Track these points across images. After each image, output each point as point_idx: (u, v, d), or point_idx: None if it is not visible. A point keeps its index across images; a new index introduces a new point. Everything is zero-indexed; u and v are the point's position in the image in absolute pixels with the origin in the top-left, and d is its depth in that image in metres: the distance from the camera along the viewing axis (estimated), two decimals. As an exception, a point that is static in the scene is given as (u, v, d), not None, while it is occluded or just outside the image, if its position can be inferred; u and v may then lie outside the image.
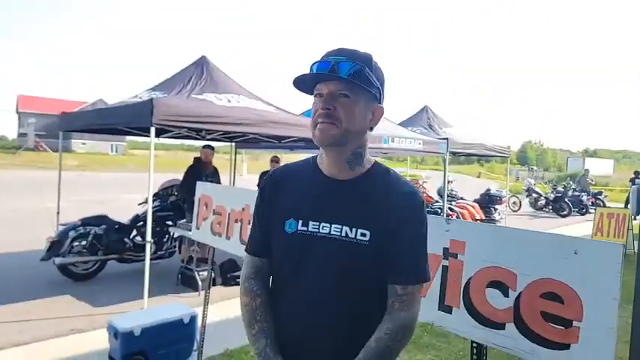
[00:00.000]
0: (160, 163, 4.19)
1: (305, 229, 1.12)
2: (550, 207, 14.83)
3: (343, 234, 1.09)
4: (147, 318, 3.23)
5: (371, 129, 1.15)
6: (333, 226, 1.10)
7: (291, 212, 1.15)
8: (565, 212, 14.18)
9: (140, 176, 12.18)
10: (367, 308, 1.12)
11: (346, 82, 1.07)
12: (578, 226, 11.41)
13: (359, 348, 1.09)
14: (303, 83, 1.12)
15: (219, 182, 5.82)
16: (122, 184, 16.79)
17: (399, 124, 8.55)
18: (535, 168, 48.00)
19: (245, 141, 7.31)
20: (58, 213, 6.14)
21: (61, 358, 3.37)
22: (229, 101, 5.33)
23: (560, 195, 14.69)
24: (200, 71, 5.62)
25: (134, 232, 5.68)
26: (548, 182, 20.09)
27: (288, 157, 7.29)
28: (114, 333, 3.13)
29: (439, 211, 8.57)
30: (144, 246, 5.52)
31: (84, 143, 44.07)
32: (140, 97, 5.22)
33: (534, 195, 15.47)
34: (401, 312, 1.10)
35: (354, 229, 1.09)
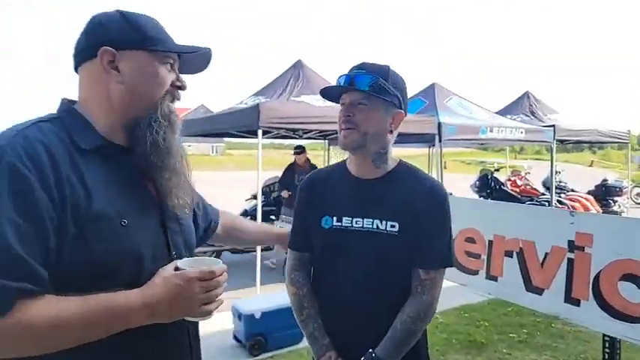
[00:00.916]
0: (255, 161, 4.60)
1: (339, 224, 1.26)
2: (685, 198, 12.81)
3: (375, 227, 1.22)
4: (265, 303, 3.57)
5: (391, 132, 1.27)
6: (366, 220, 1.23)
7: (325, 210, 1.29)
8: None
9: (238, 175, 13.14)
10: (398, 291, 1.23)
11: (362, 92, 1.21)
12: None
13: (390, 325, 1.21)
14: (330, 94, 1.31)
15: None
16: (223, 182, 18.26)
17: (496, 113, 8.11)
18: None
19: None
20: (179, 209, 6.99)
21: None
22: (324, 101, 5.56)
23: (698, 184, 12.60)
24: (297, 74, 5.97)
25: (243, 226, 6.23)
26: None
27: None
28: (238, 315, 3.52)
29: (546, 204, 7.95)
30: (252, 239, 6.05)
31: (189, 145, 48.62)
32: (245, 103, 5.71)
33: (664, 185, 13.47)
34: (422, 295, 1.21)
35: (384, 222, 1.22)
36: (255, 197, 5.78)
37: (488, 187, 9.30)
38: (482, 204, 1.51)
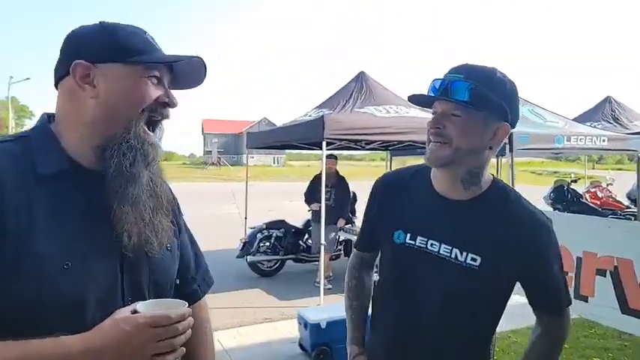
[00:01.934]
0: (315, 172, 4.76)
1: (412, 242, 1.13)
2: None
3: (452, 255, 1.08)
4: (330, 313, 3.58)
5: (490, 148, 1.09)
6: (443, 245, 1.09)
7: (399, 223, 1.16)
8: None
9: (301, 185, 13.48)
10: (471, 331, 1.12)
11: (456, 102, 1.04)
12: None
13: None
14: (422, 100, 1.13)
15: (341, 191, 5.95)
16: (284, 192, 18.71)
17: (573, 120, 7.55)
18: None
19: (400, 148, 7.46)
20: (245, 218, 7.24)
21: (260, 341, 3.97)
22: (388, 112, 5.57)
23: None
24: (360, 86, 6.00)
25: (306, 236, 6.34)
26: None
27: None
28: (304, 324, 3.56)
29: (632, 218, 7.24)
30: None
31: (252, 157, 50.60)
32: (310, 115, 5.84)
33: None
34: (552, 331, 1.15)
35: (464, 253, 1.07)
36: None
37: (565, 199, 8.68)
38: (571, 218, 1.40)
